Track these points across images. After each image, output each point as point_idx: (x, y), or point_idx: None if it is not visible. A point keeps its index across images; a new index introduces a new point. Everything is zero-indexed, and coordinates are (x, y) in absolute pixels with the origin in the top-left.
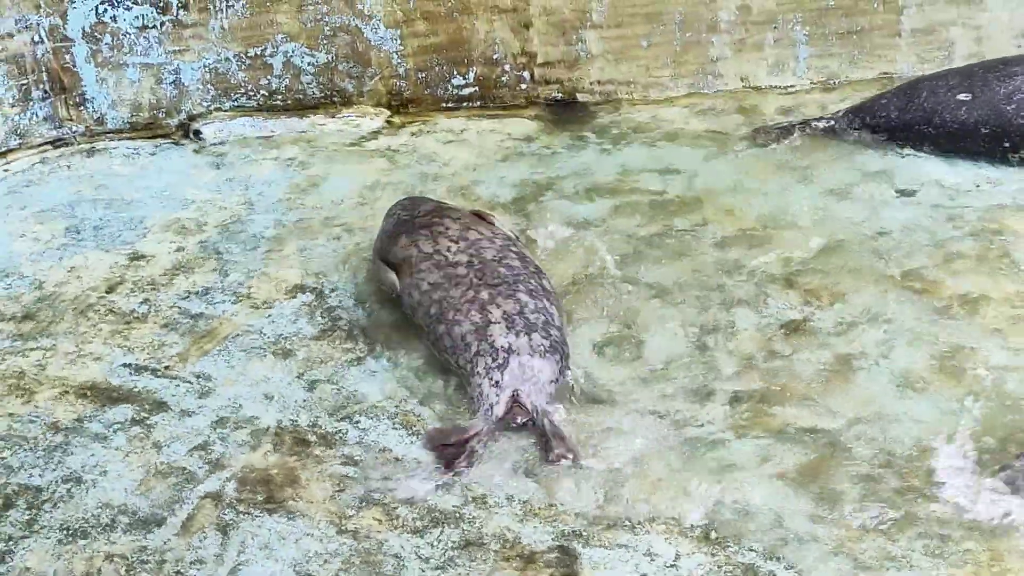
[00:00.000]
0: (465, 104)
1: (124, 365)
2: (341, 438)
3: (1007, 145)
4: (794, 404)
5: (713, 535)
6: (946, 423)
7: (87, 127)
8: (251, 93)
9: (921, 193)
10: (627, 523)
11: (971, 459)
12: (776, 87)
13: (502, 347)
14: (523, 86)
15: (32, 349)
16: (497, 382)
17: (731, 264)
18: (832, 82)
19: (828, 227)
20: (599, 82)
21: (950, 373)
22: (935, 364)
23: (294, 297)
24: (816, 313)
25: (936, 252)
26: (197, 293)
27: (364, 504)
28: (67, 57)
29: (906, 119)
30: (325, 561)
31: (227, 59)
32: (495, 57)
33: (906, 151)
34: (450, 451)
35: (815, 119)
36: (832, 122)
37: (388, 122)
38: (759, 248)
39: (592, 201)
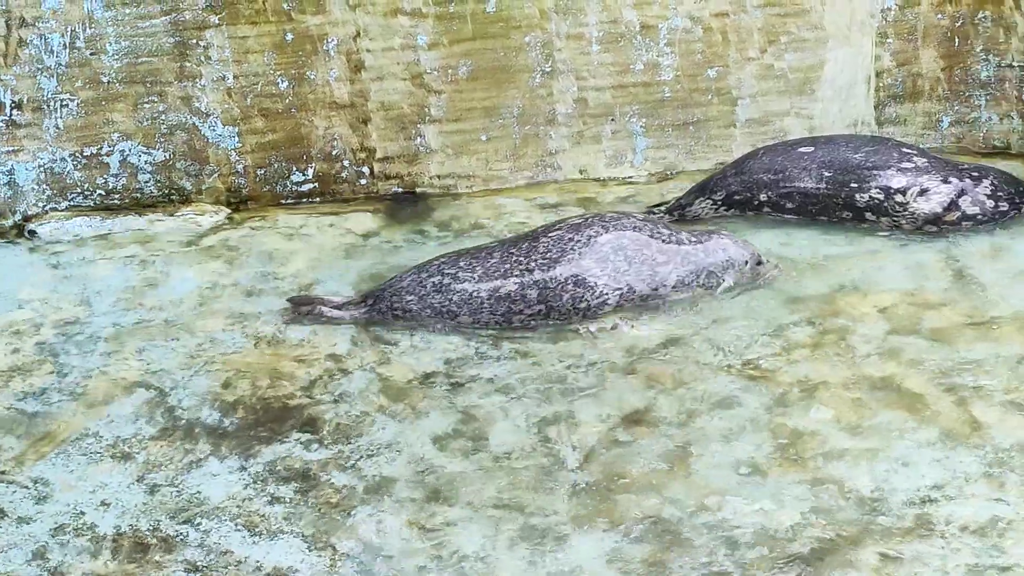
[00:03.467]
0: (305, 200)
1: None
2: (182, 541)
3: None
4: (636, 493)
5: None
6: (787, 512)
7: None
8: (88, 192)
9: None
10: None
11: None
12: (615, 178)
13: None
14: (363, 181)
15: None
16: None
17: (572, 356)
18: (670, 172)
19: (669, 315)
20: (439, 176)
21: (791, 460)
22: (776, 451)
23: (133, 398)
24: (658, 401)
25: (773, 340)
26: (34, 395)
27: None
28: None
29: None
30: None
31: (63, 159)
32: (334, 153)
33: (745, 230)
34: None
35: (658, 204)
36: (680, 200)
37: (228, 219)
38: (597, 339)
39: None
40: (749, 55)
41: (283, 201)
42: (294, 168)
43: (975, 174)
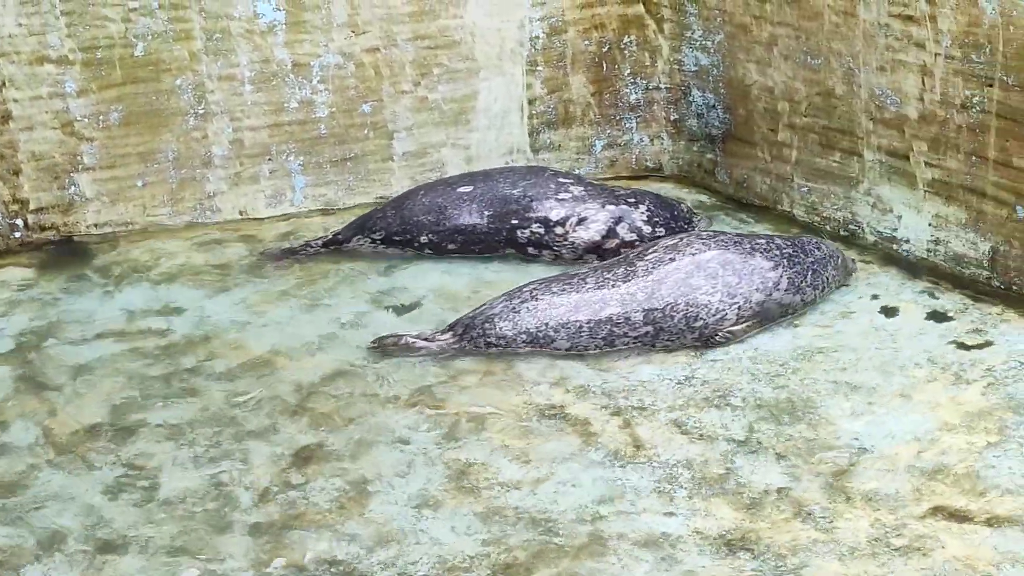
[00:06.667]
0: None
1: None
2: None
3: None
4: (313, 532)
5: None
6: (463, 542)
7: None
8: None
9: (424, 307)
10: None
11: None
12: (275, 217)
13: None
14: (17, 234)
15: None
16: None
17: (240, 395)
18: (331, 208)
19: (335, 352)
20: (96, 225)
21: (464, 490)
22: (448, 482)
23: None
24: (329, 438)
25: (442, 370)
26: None
27: None
28: None
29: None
30: None
31: None
32: None
33: (408, 263)
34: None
35: (317, 238)
36: (337, 235)
37: None
38: (268, 378)
39: (97, 345)
40: (403, 88)
41: None
42: None
43: (632, 200)
